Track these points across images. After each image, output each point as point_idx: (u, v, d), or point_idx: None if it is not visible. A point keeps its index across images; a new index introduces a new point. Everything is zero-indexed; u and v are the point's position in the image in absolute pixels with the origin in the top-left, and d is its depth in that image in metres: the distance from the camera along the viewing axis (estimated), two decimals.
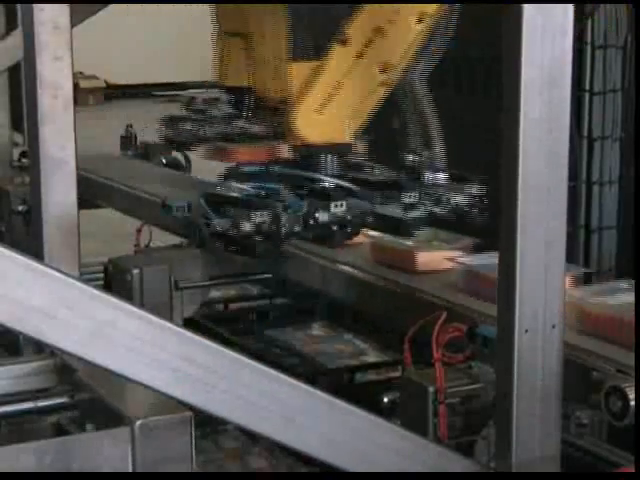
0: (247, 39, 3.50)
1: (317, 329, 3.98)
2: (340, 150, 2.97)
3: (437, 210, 2.92)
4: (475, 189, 2.94)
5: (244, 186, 2.93)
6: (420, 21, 2.78)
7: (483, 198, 2.94)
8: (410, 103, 2.97)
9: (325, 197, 2.86)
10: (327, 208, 2.84)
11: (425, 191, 2.90)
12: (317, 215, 2.84)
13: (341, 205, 2.84)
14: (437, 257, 3.06)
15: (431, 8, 2.79)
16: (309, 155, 2.99)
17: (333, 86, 2.86)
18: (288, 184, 2.93)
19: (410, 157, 2.99)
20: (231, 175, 2.99)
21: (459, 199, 2.94)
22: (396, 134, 3.11)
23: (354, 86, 2.86)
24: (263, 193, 2.91)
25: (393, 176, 2.99)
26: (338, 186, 2.92)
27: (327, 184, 2.93)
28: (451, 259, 2.98)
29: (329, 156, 2.96)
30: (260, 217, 2.81)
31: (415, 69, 2.91)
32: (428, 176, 2.93)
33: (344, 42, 2.82)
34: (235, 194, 2.93)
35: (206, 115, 4.07)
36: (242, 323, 4.07)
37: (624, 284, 2.73)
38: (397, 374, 3.30)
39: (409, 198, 2.87)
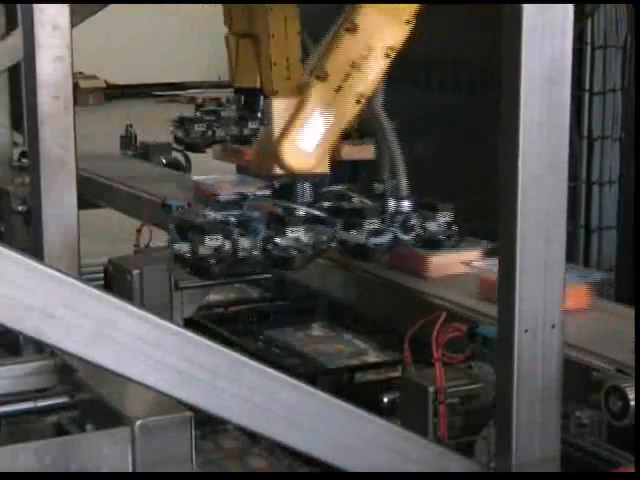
0: (256, 40, 3.51)
1: (317, 329, 3.98)
2: (318, 179, 3.06)
3: (403, 236, 2.99)
4: (442, 216, 3.00)
5: (217, 215, 2.98)
6: (387, 56, 2.92)
7: (451, 225, 3.01)
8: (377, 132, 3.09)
9: (282, 223, 2.92)
10: (284, 233, 2.89)
11: (390, 218, 2.99)
12: (275, 240, 2.90)
13: (298, 230, 2.90)
14: None
15: (398, 42, 2.92)
16: (287, 184, 3.07)
17: (316, 119, 2.96)
18: (263, 212, 2.99)
19: (377, 185, 3.11)
20: (208, 204, 3.04)
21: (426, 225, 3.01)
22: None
23: (334, 118, 2.97)
24: (232, 220, 2.96)
25: (362, 203, 3.07)
26: (308, 213, 2.99)
27: (295, 211, 3.00)
28: None
29: (305, 185, 3.04)
30: (216, 241, 2.86)
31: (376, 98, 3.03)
32: (393, 204, 3.01)
33: (323, 78, 2.92)
34: (200, 220, 2.97)
35: (217, 116, 4.09)
36: (242, 323, 4.07)
37: None
38: (397, 374, 3.30)
39: (373, 225, 2.94)
